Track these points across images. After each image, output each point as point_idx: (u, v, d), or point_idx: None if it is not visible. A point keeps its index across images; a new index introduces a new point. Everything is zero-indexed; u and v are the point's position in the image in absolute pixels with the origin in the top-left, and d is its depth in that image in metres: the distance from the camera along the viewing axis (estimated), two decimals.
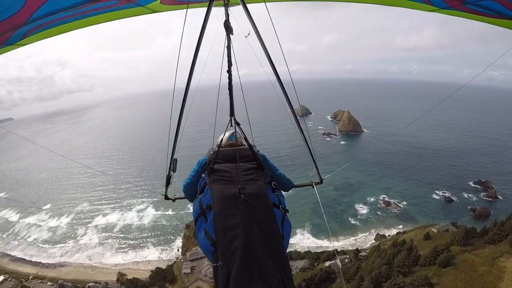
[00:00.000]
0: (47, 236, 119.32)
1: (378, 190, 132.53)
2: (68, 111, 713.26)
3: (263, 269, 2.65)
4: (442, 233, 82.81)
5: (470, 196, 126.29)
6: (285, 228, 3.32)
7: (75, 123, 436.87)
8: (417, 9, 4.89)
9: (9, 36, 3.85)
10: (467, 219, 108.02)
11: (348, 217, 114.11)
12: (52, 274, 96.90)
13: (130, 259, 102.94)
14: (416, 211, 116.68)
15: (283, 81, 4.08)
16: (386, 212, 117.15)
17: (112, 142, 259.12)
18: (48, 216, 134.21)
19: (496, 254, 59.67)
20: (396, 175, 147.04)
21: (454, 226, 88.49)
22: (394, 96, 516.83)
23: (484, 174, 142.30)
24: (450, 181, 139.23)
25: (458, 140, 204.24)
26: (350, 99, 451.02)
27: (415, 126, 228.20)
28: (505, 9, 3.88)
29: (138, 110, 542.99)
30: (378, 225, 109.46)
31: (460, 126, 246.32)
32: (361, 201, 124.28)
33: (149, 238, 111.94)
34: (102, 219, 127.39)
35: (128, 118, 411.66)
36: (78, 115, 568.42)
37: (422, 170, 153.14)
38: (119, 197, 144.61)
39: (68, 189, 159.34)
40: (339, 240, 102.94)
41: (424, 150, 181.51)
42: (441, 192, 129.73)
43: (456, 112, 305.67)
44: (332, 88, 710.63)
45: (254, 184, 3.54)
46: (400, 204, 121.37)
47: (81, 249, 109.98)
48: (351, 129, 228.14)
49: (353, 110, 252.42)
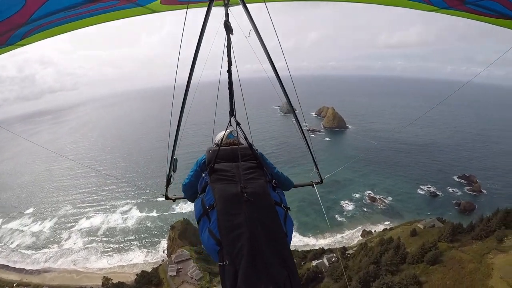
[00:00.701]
0: (30, 242, 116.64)
1: (363, 186, 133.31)
2: (51, 111, 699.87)
3: (269, 267, 2.68)
4: (429, 229, 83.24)
5: (454, 190, 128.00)
6: (287, 225, 3.33)
7: (58, 123, 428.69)
8: (417, 9, 4.91)
9: (9, 36, 3.83)
10: (453, 214, 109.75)
11: (334, 214, 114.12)
12: (37, 280, 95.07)
13: (115, 262, 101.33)
14: (401, 206, 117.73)
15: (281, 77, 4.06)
16: (372, 208, 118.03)
17: (95, 142, 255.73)
18: (31, 221, 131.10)
19: (484, 251, 59.79)
20: (381, 171, 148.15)
21: (440, 222, 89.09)
22: (378, 92, 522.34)
23: (468, 169, 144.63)
24: (434, 176, 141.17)
25: (443, 136, 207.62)
26: (334, 95, 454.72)
27: (399, 122, 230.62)
28: (505, 9, 3.88)
29: (122, 108, 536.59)
30: (364, 221, 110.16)
31: (444, 122, 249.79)
32: (347, 198, 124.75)
33: (134, 240, 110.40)
34: (86, 222, 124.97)
35: (112, 117, 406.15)
36: (61, 114, 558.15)
37: (407, 165, 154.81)
38: (103, 199, 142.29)
39: (50, 192, 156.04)
40: (326, 238, 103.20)
41: (409, 146, 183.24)
42: (426, 187, 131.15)
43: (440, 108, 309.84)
44: (316, 85, 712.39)
45: (256, 182, 3.55)
46: (386, 199, 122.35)
47: (66, 253, 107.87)
48: (335, 125, 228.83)
49: (338, 106, 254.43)
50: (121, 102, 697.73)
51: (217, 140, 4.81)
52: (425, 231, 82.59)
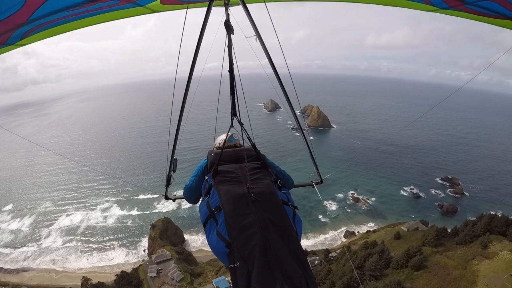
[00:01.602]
0: (8, 240, 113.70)
1: (347, 186, 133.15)
2: (33, 103, 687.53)
3: (284, 266, 2.67)
4: (413, 232, 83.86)
5: (437, 192, 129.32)
6: (297, 224, 3.34)
7: (40, 116, 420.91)
8: (417, 9, 4.90)
9: (9, 36, 3.83)
10: (435, 215, 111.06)
11: (317, 214, 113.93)
12: (15, 280, 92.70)
13: (95, 262, 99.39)
14: (384, 207, 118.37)
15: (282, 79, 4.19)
16: (355, 209, 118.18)
17: (77, 137, 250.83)
18: (10, 218, 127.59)
19: (469, 257, 59.84)
20: (364, 171, 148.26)
21: (423, 224, 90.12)
22: (363, 92, 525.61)
23: (451, 171, 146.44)
24: (417, 178, 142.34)
25: (426, 138, 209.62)
26: (319, 94, 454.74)
27: (382, 123, 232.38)
28: (504, 10, 3.88)
29: (106, 102, 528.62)
30: (348, 222, 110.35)
31: (428, 124, 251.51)
32: (330, 197, 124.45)
33: (114, 239, 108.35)
34: (66, 220, 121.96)
35: (96, 111, 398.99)
36: (44, 107, 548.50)
37: (390, 166, 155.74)
38: (83, 196, 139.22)
39: (30, 189, 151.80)
40: (309, 238, 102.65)
41: (393, 147, 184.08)
42: (409, 188, 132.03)
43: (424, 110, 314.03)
44: (302, 83, 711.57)
45: (262, 182, 3.57)
46: (369, 200, 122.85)
47: (45, 252, 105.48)
48: (320, 124, 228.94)
49: (322, 105, 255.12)
50: (106, 95, 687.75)
51: (218, 143, 4.90)
52: (409, 234, 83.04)
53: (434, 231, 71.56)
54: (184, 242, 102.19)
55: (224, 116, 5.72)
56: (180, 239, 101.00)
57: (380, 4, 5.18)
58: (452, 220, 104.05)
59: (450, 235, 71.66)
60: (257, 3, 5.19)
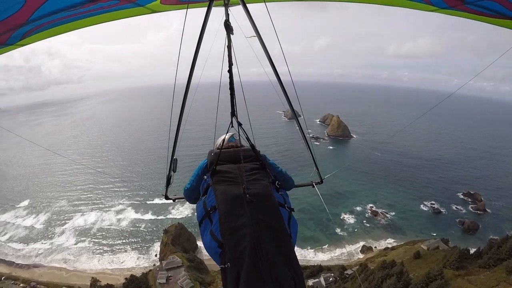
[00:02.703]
0: (23, 235, 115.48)
1: (365, 199, 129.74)
2: (55, 103, 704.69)
3: (273, 269, 2.65)
4: (433, 252, 79.56)
5: (458, 208, 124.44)
6: (292, 227, 3.32)
7: (62, 115, 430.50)
8: (417, 9, 4.89)
9: (9, 36, 3.83)
10: (456, 233, 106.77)
11: (334, 227, 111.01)
12: (26, 275, 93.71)
13: (105, 263, 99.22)
14: (404, 222, 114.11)
15: (283, 81, 4.13)
16: (373, 223, 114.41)
17: (96, 138, 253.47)
18: (25, 214, 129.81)
19: (492, 283, 55.49)
20: (384, 184, 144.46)
21: (444, 243, 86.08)
22: (384, 102, 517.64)
23: (473, 187, 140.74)
24: (439, 192, 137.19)
25: (448, 151, 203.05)
26: (340, 103, 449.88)
27: (405, 134, 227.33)
28: (505, 9, 3.86)
29: (126, 105, 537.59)
30: (365, 236, 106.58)
31: (450, 137, 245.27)
32: (347, 210, 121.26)
33: (126, 242, 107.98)
34: (80, 220, 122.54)
35: (116, 113, 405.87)
36: (65, 107, 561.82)
37: (411, 179, 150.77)
38: (98, 197, 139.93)
39: (47, 187, 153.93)
40: (325, 252, 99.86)
41: (414, 160, 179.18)
42: (429, 203, 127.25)
43: (446, 121, 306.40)
44: (322, 92, 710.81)
45: (259, 184, 3.54)
46: (388, 214, 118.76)
47: (57, 250, 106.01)
48: (339, 134, 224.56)
49: (343, 114, 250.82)
50: (127, 98, 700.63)
51: (218, 143, 4.83)
52: (429, 253, 78.69)
53: (457, 252, 67.61)
54: (197, 249, 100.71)
55: (224, 116, 5.57)
56: (193, 246, 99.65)
57: (380, 4, 5.13)
58: (473, 238, 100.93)
59: (473, 257, 67.55)
60: (257, 3, 5.10)
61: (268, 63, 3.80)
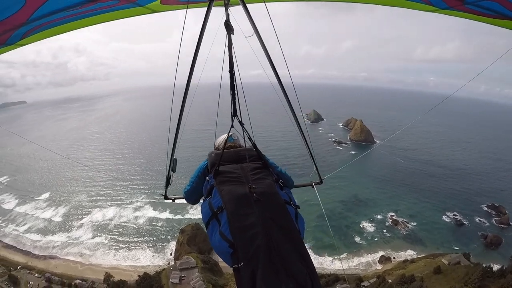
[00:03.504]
0: (41, 226, 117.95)
1: (386, 207, 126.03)
2: (81, 99, 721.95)
3: (288, 265, 2.67)
4: (454, 267, 76.33)
5: (482, 220, 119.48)
6: (299, 224, 3.31)
7: (87, 111, 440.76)
8: (417, 9, 4.92)
9: (9, 36, 3.87)
10: (478, 246, 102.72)
11: (353, 234, 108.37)
12: (41, 265, 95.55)
13: (120, 258, 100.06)
14: (424, 233, 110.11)
15: (285, 83, 4.19)
16: (393, 232, 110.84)
17: (118, 135, 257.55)
18: (45, 206, 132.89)
19: None
20: (406, 192, 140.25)
21: (466, 258, 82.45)
22: (409, 108, 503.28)
23: (498, 199, 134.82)
24: (462, 203, 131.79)
25: (474, 161, 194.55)
26: (364, 107, 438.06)
27: (430, 142, 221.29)
28: (504, 10, 3.89)
29: (151, 102, 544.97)
30: (384, 246, 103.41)
31: (477, 146, 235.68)
32: (367, 218, 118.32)
33: (143, 239, 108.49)
34: (98, 215, 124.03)
35: (140, 110, 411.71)
36: (91, 103, 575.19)
37: (434, 189, 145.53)
38: (117, 193, 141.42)
39: (67, 181, 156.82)
40: (342, 260, 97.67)
41: (438, 168, 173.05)
42: (452, 214, 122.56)
43: (472, 129, 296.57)
44: (346, 95, 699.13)
45: (264, 182, 3.54)
46: (409, 224, 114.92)
47: (73, 243, 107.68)
48: (362, 139, 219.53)
49: (366, 119, 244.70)
50: (151, 96, 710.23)
51: (218, 143, 5.03)
52: (450, 269, 75.49)
53: (479, 271, 64.57)
54: (212, 250, 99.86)
55: (227, 116, 5.21)
56: (208, 247, 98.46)
57: (380, 4, 5.12)
58: (495, 253, 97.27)
59: (496, 275, 64.40)
60: (257, 3, 5.15)
61: (269, 63, 3.72)
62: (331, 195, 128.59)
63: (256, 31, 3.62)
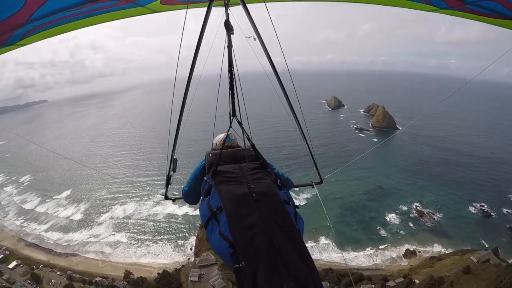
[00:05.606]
0: (62, 224, 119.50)
1: (411, 197, 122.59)
2: (100, 95, 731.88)
3: (290, 265, 2.65)
4: (483, 266, 72.40)
5: (509, 212, 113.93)
6: (298, 223, 3.28)
7: (105, 107, 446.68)
8: (417, 9, 4.94)
9: (9, 36, 3.88)
10: (506, 239, 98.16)
11: (377, 227, 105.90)
12: (63, 263, 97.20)
13: (140, 255, 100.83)
14: (450, 225, 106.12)
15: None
16: (418, 224, 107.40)
17: (136, 130, 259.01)
18: (66, 204, 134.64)
19: None
20: (431, 182, 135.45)
21: (495, 256, 78.54)
22: (431, 92, 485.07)
23: None
24: (489, 193, 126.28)
25: (501, 149, 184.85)
26: (384, 93, 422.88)
27: (456, 129, 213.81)
28: (505, 10, 3.91)
29: (169, 95, 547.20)
30: (409, 239, 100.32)
31: (502, 132, 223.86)
32: (392, 209, 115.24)
33: (162, 236, 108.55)
34: (118, 212, 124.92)
35: (158, 104, 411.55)
36: (110, 99, 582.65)
37: (459, 178, 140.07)
38: (136, 190, 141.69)
39: (87, 178, 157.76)
40: (366, 255, 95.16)
41: (463, 157, 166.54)
42: (479, 205, 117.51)
43: (496, 114, 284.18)
44: (366, 80, 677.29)
45: (262, 182, 3.53)
46: (434, 215, 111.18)
47: (94, 240, 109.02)
48: (385, 125, 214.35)
49: (387, 105, 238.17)
50: (169, 89, 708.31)
51: (215, 143, 4.88)
52: (480, 268, 71.36)
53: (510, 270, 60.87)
54: None
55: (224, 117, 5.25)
56: None
57: (380, 4, 5.13)
58: None
59: None
60: (257, 3, 5.10)
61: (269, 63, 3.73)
62: (355, 187, 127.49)
63: (256, 31, 3.49)
